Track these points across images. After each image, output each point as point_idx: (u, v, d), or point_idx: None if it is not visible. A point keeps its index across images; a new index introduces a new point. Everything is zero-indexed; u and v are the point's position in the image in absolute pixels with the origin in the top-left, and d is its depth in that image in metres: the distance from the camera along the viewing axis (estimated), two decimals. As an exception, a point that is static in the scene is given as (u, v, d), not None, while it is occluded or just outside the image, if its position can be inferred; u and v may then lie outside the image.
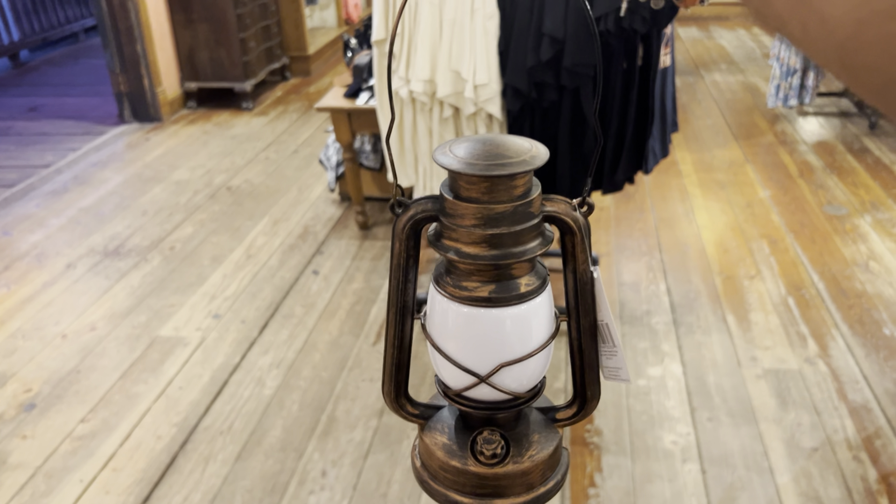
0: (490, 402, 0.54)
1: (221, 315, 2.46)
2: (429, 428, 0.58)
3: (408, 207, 0.53)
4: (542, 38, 1.87)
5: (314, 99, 4.78)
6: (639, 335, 2.30)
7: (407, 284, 0.55)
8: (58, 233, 3.08)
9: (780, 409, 1.99)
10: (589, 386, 0.57)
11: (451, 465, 0.54)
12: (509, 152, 0.50)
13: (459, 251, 0.50)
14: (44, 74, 5.68)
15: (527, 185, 0.50)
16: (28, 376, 2.20)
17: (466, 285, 0.51)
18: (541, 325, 0.53)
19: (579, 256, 0.54)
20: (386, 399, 0.58)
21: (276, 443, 1.92)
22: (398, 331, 0.56)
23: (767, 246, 2.81)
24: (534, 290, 0.52)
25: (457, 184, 0.50)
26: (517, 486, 0.54)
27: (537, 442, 0.56)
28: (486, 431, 0.54)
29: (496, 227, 0.50)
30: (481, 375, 0.53)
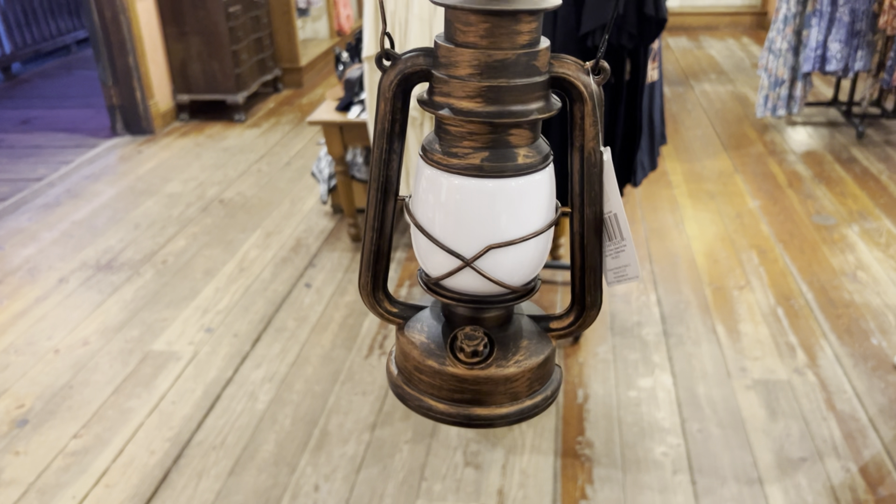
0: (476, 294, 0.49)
1: (214, 329, 2.47)
2: (407, 327, 0.52)
3: (396, 61, 0.47)
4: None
5: (307, 110, 4.80)
6: (629, 346, 2.32)
7: (391, 155, 0.49)
8: (50, 247, 3.08)
9: (770, 419, 2.01)
10: (589, 291, 0.51)
11: (427, 364, 0.49)
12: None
13: (452, 107, 0.44)
14: (36, 87, 5.68)
15: (533, 33, 0.44)
16: (20, 392, 2.20)
17: (456, 151, 0.45)
18: (538, 208, 0.47)
19: (588, 131, 0.47)
20: (361, 293, 0.52)
21: (269, 457, 1.93)
22: (378, 211, 0.50)
23: (757, 256, 2.83)
24: (533, 164, 0.46)
25: (453, 26, 0.44)
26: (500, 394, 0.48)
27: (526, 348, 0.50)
28: (469, 328, 0.49)
29: (495, 77, 0.43)
30: (466, 258, 0.46)
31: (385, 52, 0.46)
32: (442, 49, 0.45)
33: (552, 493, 1.80)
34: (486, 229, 0.46)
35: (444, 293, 0.49)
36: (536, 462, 1.89)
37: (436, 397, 0.49)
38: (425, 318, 0.53)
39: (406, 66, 0.46)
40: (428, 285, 0.50)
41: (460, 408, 0.48)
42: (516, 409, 0.49)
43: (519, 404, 0.49)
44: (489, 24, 0.43)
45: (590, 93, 0.46)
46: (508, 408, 0.49)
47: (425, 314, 0.53)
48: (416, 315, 0.53)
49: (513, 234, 0.46)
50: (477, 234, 0.46)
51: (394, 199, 0.50)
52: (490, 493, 1.80)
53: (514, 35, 0.43)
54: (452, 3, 0.43)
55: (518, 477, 1.85)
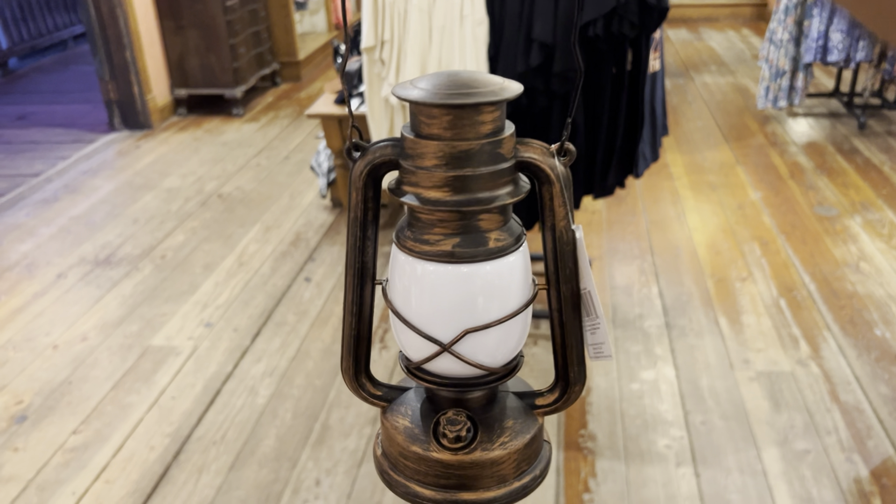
0: (457, 377, 0.48)
1: (213, 324, 2.46)
2: (391, 410, 0.52)
3: (365, 152, 0.47)
4: (532, 44, 1.87)
5: (305, 104, 4.78)
6: (631, 339, 2.31)
7: (366, 242, 0.49)
8: (48, 242, 3.06)
9: (773, 411, 1.99)
10: (571, 367, 0.50)
11: (411, 450, 0.48)
12: (476, 83, 0.44)
13: (420, 196, 0.45)
14: (33, 82, 5.66)
15: (496, 122, 0.45)
16: (19, 388, 2.18)
17: (428, 238, 0.46)
18: (514, 289, 0.47)
19: (558, 211, 0.47)
20: (344, 377, 0.52)
21: (270, 452, 1.92)
22: (356, 296, 0.50)
23: (759, 248, 2.82)
24: (505, 246, 0.46)
25: (417, 119, 0.45)
26: (486, 478, 0.48)
27: (511, 428, 0.49)
28: (451, 412, 0.48)
29: (461, 167, 0.44)
30: (444, 343, 0.46)
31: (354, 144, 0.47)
32: (408, 141, 0.45)
33: (555, 486, 1.78)
34: (463, 314, 0.46)
35: (426, 377, 0.49)
36: (539, 455, 1.87)
37: (422, 483, 0.49)
38: (409, 400, 0.52)
39: (375, 156, 0.47)
40: (409, 369, 0.50)
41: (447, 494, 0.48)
42: (504, 491, 0.48)
43: (507, 487, 0.48)
44: (452, 116, 0.43)
45: (556, 175, 0.46)
46: (496, 491, 0.48)
47: (409, 396, 0.53)
48: (401, 397, 0.53)
49: (490, 317, 0.46)
50: (453, 318, 0.46)
51: (371, 284, 0.51)
52: (492, 486, 1.79)
53: (478, 125, 0.44)
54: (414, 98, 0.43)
55: (521, 470, 1.83)
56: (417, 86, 0.45)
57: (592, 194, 2.15)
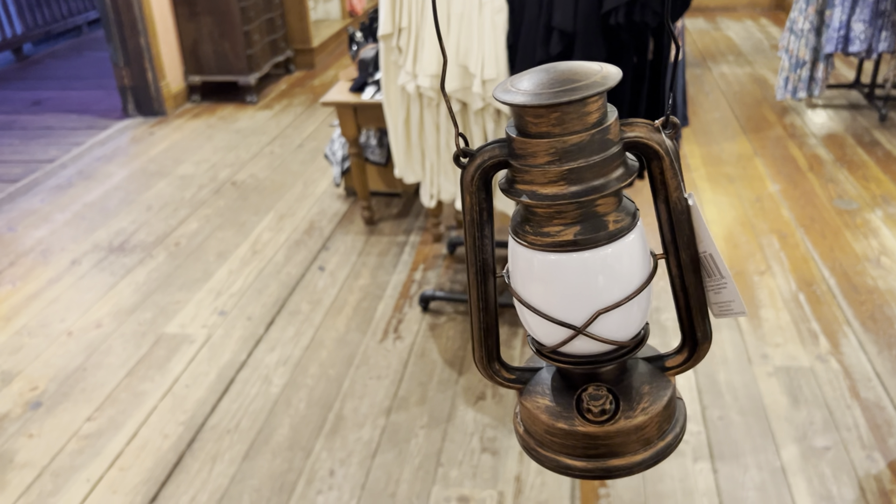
0: (590, 355, 0.50)
1: (227, 312, 2.45)
2: (528, 392, 0.54)
3: (474, 157, 0.49)
4: (552, 32, 1.84)
5: (319, 92, 4.76)
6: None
7: (484, 240, 0.51)
8: (62, 228, 3.07)
9: (792, 407, 1.97)
10: (698, 327, 0.53)
11: (557, 427, 0.50)
12: (577, 76, 0.45)
13: (535, 193, 0.46)
14: (47, 68, 5.66)
15: (601, 109, 0.46)
16: (34, 374, 2.18)
17: (548, 230, 0.47)
18: (636, 265, 0.49)
19: (670, 183, 0.49)
20: (478, 366, 0.55)
21: (284, 441, 1.91)
22: (481, 292, 0.52)
23: (777, 241, 2.78)
24: (624, 227, 0.47)
25: (523, 120, 0.46)
26: (632, 443, 0.50)
27: (648, 393, 0.51)
28: (591, 387, 0.51)
29: (573, 160, 0.45)
30: (577, 327, 0.48)
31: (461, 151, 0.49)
32: (516, 142, 0.46)
33: (571, 480, 1.77)
34: (591, 296, 0.48)
35: (560, 358, 0.51)
36: (554, 448, 1.86)
37: (572, 456, 0.51)
38: (544, 380, 0.54)
39: (484, 159, 0.49)
40: (541, 352, 0.52)
41: (598, 462, 0.50)
42: (651, 453, 0.50)
43: (653, 448, 0.51)
44: (559, 112, 0.44)
45: (665, 149, 0.48)
46: (643, 454, 0.50)
47: (543, 376, 0.55)
48: (535, 378, 0.55)
49: (617, 296, 0.48)
50: (583, 302, 0.48)
51: (493, 278, 0.53)
52: (507, 479, 1.78)
53: (584, 117, 0.45)
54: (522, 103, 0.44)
55: (536, 464, 1.82)
56: (518, 88, 0.46)
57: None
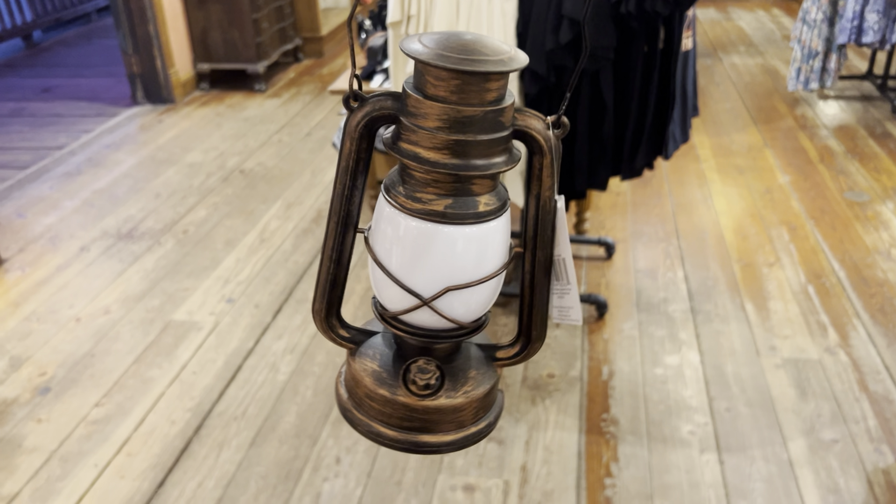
0: (430, 329, 0.50)
1: (235, 299, 2.45)
2: (359, 353, 0.54)
3: (364, 102, 0.48)
4: (562, 21, 1.82)
5: (327, 81, 4.75)
6: (656, 323, 2.28)
7: (354, 191, 0.51)
8: (71, 215, 3.08)
9: (800, 399, 1.96)
10: (535, 326, 0.53)
11: (378, 393, 0.51)
12: (486, 50, 0.44)
13: (418, 156, 0.46)
14: (57, 55, 5.67)
15: (501, 90, 0.46)
16: (43, 360, 2.20)
17: (421, 196, 0.47)
18: (495, 251, 0.49)
19: (545, 181, 0.49)
20: (315, 318, 0.54)
21: (291, 429, 1.92)
22: (338, 242, 0.52)
23: (787, 233, 2.76)
24: (493, 210, 0.48)
25: (423, 79, 0.45)
26: (447, 423, 0.51)
27: (474, 378, 0.52)
28: (422, 360, 0.51)
29: (462, 132, 0.45)
30: (425, 298, 0.48)
31: (353, 93, 0.48)
32: (411, 99, 0.46)
33: (576, 470, 1.77)
34: (446, 271, 0.48)
35: (399, 326, 0.51)
36: (560, 439, 1.86)
37: (385, 424, 0.51)
38: (377, 344, 0.54)
39: (374, 108, 0.48)
40: (383, 317, 0.52)
41: (409, 435, 0.50)
42: (462, 436, 0.51)
43: (464, 431, 0.52)
44: (460, 80, 0.44)
45: (549, 146, 0.48)
46: (454, 435, 0.51)
47: (377, 341, 0.54)
48: (369, 341, 0.55)
49: (470, 277, 0.48)
50: (436, 275, 0.48)
51: (353, 231, 0.52)
52: (513, 468, 1.78)
53: (484, 92, 0.45)
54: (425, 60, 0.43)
55: (541, 453, 1.82)
56: (426, 43, 0.45)
57: (620, 175, 2.11)
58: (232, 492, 1.74)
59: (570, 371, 2.09)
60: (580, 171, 2.02)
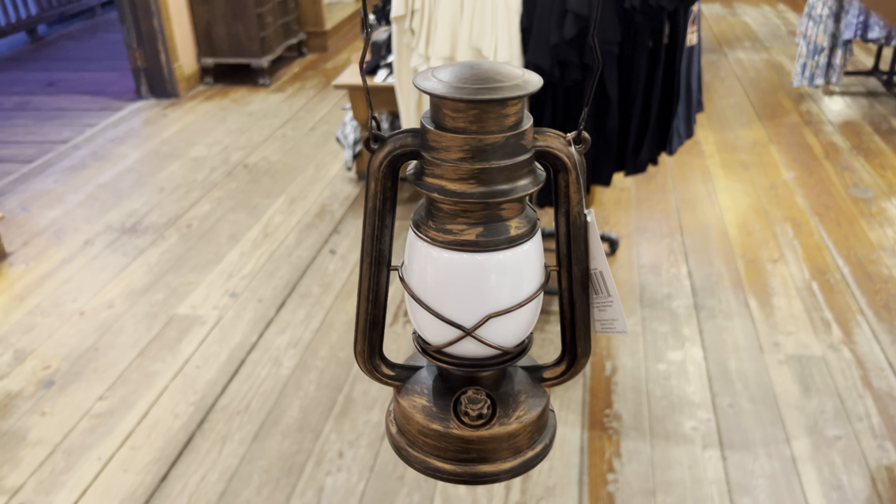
0: (474, 358, 0.50)
1: (238, 294, 2.46)
2: (406, 390, 0.54)
3: (384, 142, 0.48)
4: (566, 15, 1.82)
5: (331, 75, 4.74)
6: (659, 319, 2.27)
7: (384, 231, 0.51)
8: (76, 209, 3.08)
9: (803, 395, 1.96)
10: (579, 342, 0.53)
11: (431, 428, 0.50)
12: (500, 76, 0.45)
13: (444, 189, 0.46)
14: (61, 49, 5.67)
15: (519, 114, 0.46)
16: (47, 353, 2.20)
17: (451, 228, 0.47)
18: (531, 273, 0.49)
19: (573, 197, 0.49)
20: (358, 360, 0.54)
21: (294, 423, 1.92)
22: (373, 283, 0.52)
23: (791, 229, 2.76)
24: (524, 233, 0.48)
25: (441, 112, 0.46)
26: (504, 451, 0.50)
27: (524, 402, 0.52)
28: (471, 391, 0.50)
29: (485, 160, 0.45)
30: (467, 328, 0.48)
31: (373, 135, 0.48)
32: (431, 134, 0.46)
33: (579, 466, 1.77)
34: (484, 299, 0.48)
35: (443, 359, 0.51)
36: (563, 434, 1.86)
37: (442, 458, 0.51)
38: (423, 379, 0.54)
39: (395, 146, 0.48)
40: (426, 351, 0.52)
41: (467, 467, 0.50)
42: (520, 461, 0.51)
43: (522, 457, 0.51)
44: (478, 110, 0.44)
45: (573, 163, 0.48)
46: (512, 462, 0.51)
47: (422, 375, 0.54)
48: (414, 377, 0.54)
49: (509, 302, 0.48)
50: (475, 304, 0.48)
51: (387, 270, 0.52)
52: (516, 464, 1.78)
53: (502, 118, 0.45)
54: (441, 94, 0.44)
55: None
56: (440, 78, 0.45)
57: (624, 171, 2.11)
58: (235, 485, 1.74)
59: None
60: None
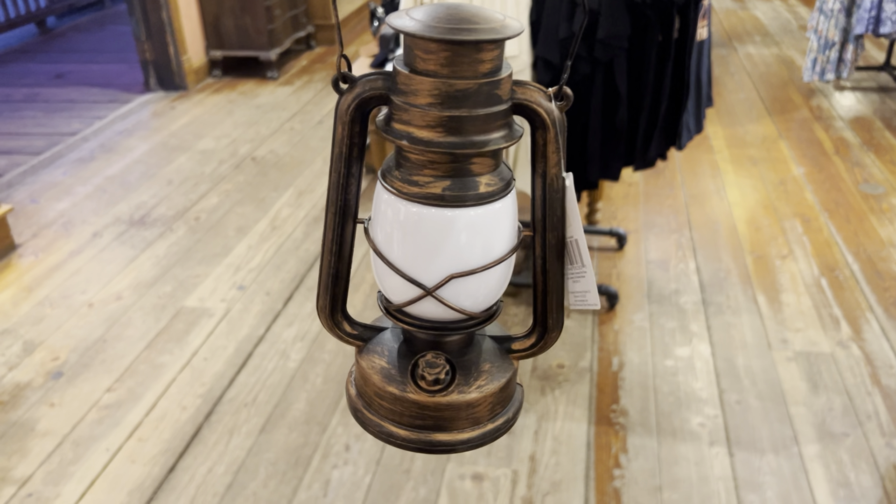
0: (437, 320, 0.48)
1: (246, 287, 2.46)
2: (367, 350, 0.51)
3: (354, 84, 0.46)
4: (576, 9, 1.81)
5: (339, 68, 4.74)
6: (667, 314, 2.27)
7: (350, 179, 0.48)
8: (84, 201, 3.09)
9: (811, 392, 1.95)
10: (550, 313, 0.50)
11: (387, 391, 0.48)
12: (477, 19, 0.42)
13: (411, 136, 0.43)
14: (70, 41, 5.68)
15: (495, 61, 0.43)
16: (56, 344, 2.21)
17: (417, 180, 0.44)
18: (500, 235, 0.46)
19: (551, 157, 0.46)
20: (320, 315, 0.51)
21: (300, 416, 1.92)
22: (337, 234, 0.50)
23: (800, 225, 2.74)
24: (495, 191, 0.45)
25: (412, 53, 0.43)
26: (461, 420, 0.48)
27: (488, 372, 0.50)
28: (430, 354, 0.48)
29: (456, 107, 0.42)
30: (428, 287, 0.46)
31: (342, 75, 0.45)
32: (401, 76, 0.43)
33: (585, 461, 1.77)
34: (448, 258, 0.45)
35: (405, 319, 0.49)
36: (569, 429, 1.86)
37: (396, 423, 0.49)
38: (386, 340, 0.52)
39: (364, 89, 0.45)
40: (388, 310, 0.50)
41: (421, 434, 0.48)
42: (478, 433, 0.49)
43: (480, 429, 0.49)
44: (450, 52, 0.41)
45: (552, 119, 0.46)
46: (470, 433, 0.49)
47: (386, 336, 0.52)
48: (377, 337, 0.52)
49: (475, 263, 0.46)
50: (438, 262, 0.45)
51: (353, 222, 0.50)
52: (522, 458, 1.78)
53: (476, 64, 0.42)
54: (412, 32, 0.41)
55: (550, 443, 1.82)
56: (413, 16, 0.43)
57: (633, 166, 2.10)
58: (242, 478, 1.75)
59: (579, 362, 2.08)
60: (593, 161, 2.01)
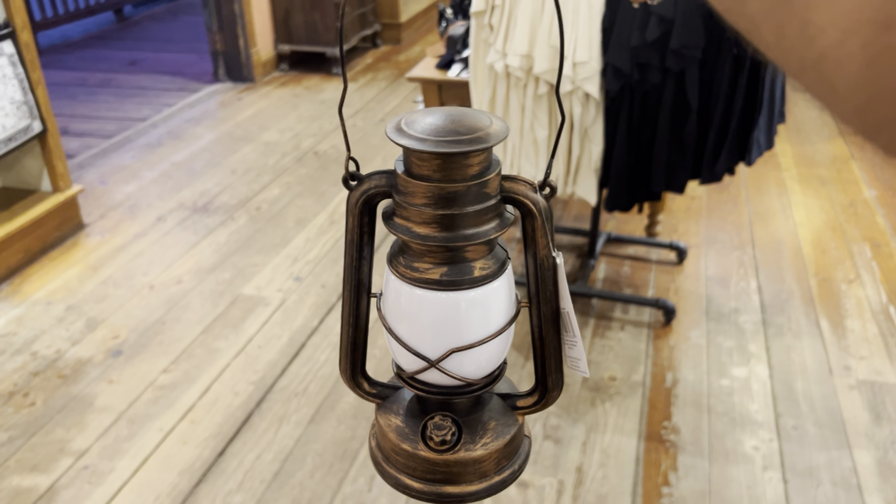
0: (443, 386, 0.53)
1: (302, 278, 2.49)
2: (385, 408, 0.57)
3: (361, 182, 0.52)
4: (650, 17, 1.78)
5: (403, 68, 4.77)
6: (724, 333, 2.22)
7: (361, 261, 0.54)
8: (150, 185, 3.17)
9: (874, 423, 1.88)
10: (549, 376, 0.55)
11: (402, 448, 0.54)
12: (464, 128, 0.47)
13: (410, 231, 0.48)
14: (145, 29, 5.85)
15: (483, 163, 0.48)
16: (117, 323, 2.27)
17: (418, 266, 0.50)
18: (497, 311, 0.52)
19: (539, 241, 0.52)
20: (343, 376, 0.57)
21: (349, 409, 1.94)
22: (353, 309, 0.55)
23: (870, 249, 2.65)
24: (489, 274, 0.50)
25: (409, 160, 0.48)
26: (469, 474, 0.53)
27: (493, 429, 0.54)
28: (438, 417, 0.53)
29: (448, 207, 0.47)
30: (431, 360, 0.51)
31: (350, 174, 0.51)
32: (400, 178, 0.49)
33: (633, 476, 1.74)
34: (448, 334, 0.51)
35: (416, 385, 0.54)
36: (619, 443, 1.83)
37: (410, 476, 0.54)
38: (401, 399, 0.57)
39: (370, 185, 0.51)
40: (401, 377, 0.55)
41: (433, 486, 0.53)
42: (485, 485, 0.54)
43: (488, 481, 0.54)
44: (441, 160, 0.47)
45: (538, 209, 0.50)
46: (478, 485, 0.53)
47: (401, 395, 0.58)
48: (393, 396, 0.58)
49: (474, 337, 0.51)
50: (440, 338, 0.51)
51: (367, 297, 0.56)
52: (568, 469, 1.76)
53: (465, 168, 0.47)
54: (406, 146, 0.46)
55: (598, 456, 1.79)
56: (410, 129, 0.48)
57: (699, 179, 2.06)
58: (289, 466, 1.77)
59: (632, 375, 2.05)
60: (658, 171, 1.97)
